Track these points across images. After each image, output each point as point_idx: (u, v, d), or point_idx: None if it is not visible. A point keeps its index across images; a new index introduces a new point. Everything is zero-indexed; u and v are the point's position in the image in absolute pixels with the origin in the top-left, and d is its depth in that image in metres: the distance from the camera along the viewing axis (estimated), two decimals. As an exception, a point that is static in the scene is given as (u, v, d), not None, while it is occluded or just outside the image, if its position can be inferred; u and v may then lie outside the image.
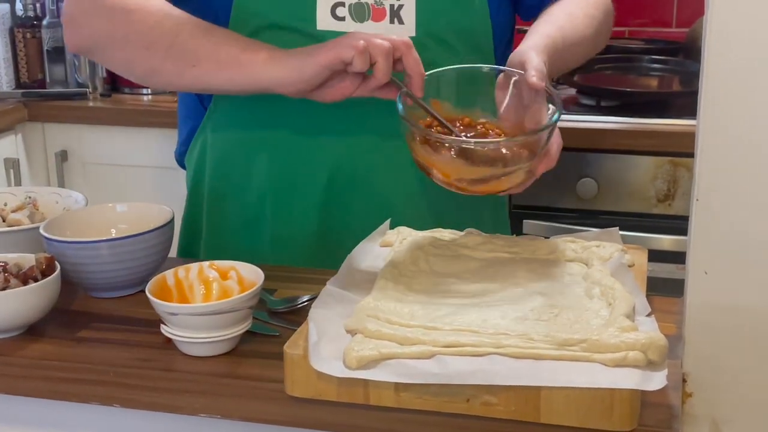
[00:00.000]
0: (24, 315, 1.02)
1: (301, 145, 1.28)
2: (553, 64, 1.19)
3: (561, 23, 1.27)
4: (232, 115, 1.31)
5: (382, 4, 1.24)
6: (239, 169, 1.32)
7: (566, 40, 1.25)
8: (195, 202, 1.39)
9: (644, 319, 0.92)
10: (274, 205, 1.30)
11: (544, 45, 1.17)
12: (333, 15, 1.24)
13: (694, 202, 0.86)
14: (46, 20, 2.59)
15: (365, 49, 1.08)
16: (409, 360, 0.86)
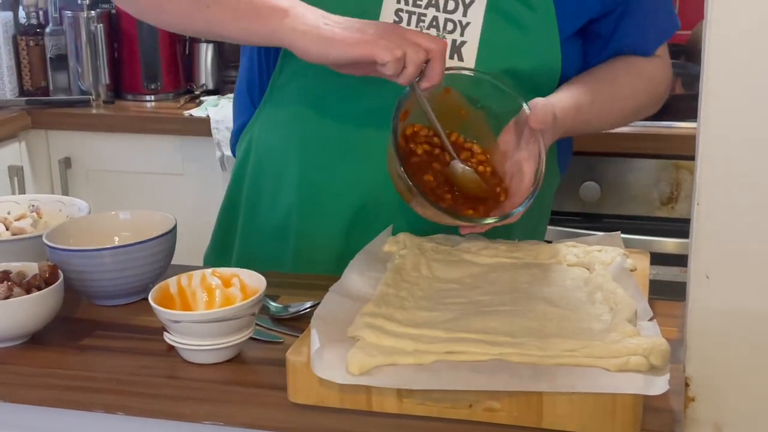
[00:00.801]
0: (27, 323, 1.02)
1: (333, 169, 1.25)
2: (574, 126, 1.18)
3: (601, 90, 1.24)
4: (275, 122, 1.29)
5: (445, 38, 1.20)
6: (273, 177, 1.30)
7: (594, 108, 1.22)
8: (235, 194, 1.37)
9: (646, 324, 0.92)
10: (300, 221, 1.28)
11: (569, 106, 1.17)
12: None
13: (696, 206, 0.86)
14: (49, 28, 2.60)
15: (401, 59, 1.05)
16: (411, 366, 0.86)
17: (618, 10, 1.28)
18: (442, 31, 1.21)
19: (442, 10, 1.21)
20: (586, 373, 0.84)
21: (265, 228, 1.32)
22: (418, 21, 1.20)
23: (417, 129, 1.14)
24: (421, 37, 1.08)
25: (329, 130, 1.23)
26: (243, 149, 1.35)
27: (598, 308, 0.96)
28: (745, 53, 0.82)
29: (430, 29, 1.21)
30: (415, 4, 1.21)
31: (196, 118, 2.38)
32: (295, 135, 1.27)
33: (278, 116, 1.29)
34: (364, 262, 1.10)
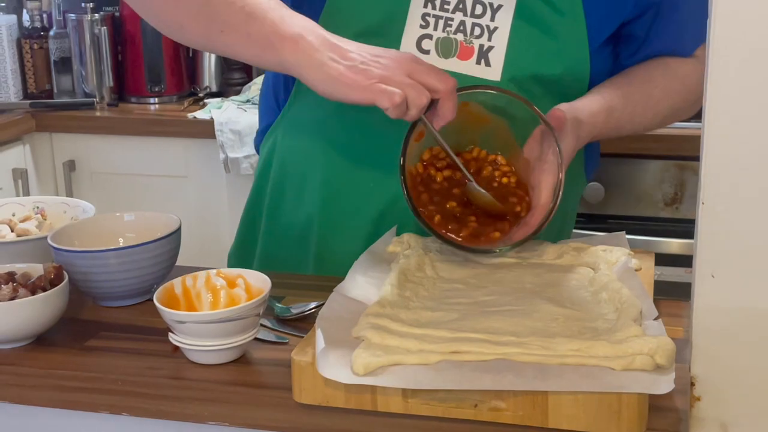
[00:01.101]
0: (33, 325, 1.03)
1: (355, 175, 1.24)
2: (605, 129, 1.17)
3: (633, 94, 1.23)
4: (299, 127, 1.28)
5: (472, 43, 1.19)
6: (296, 181, 1.29)
7: (625, 112, 1.21)
8: (258, 195, 1.36)
9: (652, 323, 0.92)
10: (321, 228, 1.27)
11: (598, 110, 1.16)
12: (418, 47, 1.19)
13: (700, 206, 0.86)
14: (53, 31, 2.61)
15: (402, 103, 1.03)
16: (416, 366, 0.86)
17: (652, 11, 1.25)
18: (469, 35, 1.19)
19: (469, 14, 1.19)
20: (592, 372, 0.84)
21: (287, 231, 1.31)
22: (445, 25, 1.19)
23: (435, 152, 1.13)
24: (430, 75, 1.05)
25: (353, 135, 1.22)
26: (267, 150, 1.34)
27: (603, 308, 0.96)
28: (750, 53, 0.82)
29: (457, 34, 1.19)
30: (443, 8, 1.19)
31: (200, 121, 2.39)
32: (319, 140, 1.26)
33: (302, 120, 1.27)
34: (368, 262, 1.10)
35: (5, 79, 2.57)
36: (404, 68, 1.04)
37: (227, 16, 1.09)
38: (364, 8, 1.19)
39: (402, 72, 1.04)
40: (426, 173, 1.12)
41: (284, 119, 1.31)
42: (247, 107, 2.45)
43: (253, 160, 2.33)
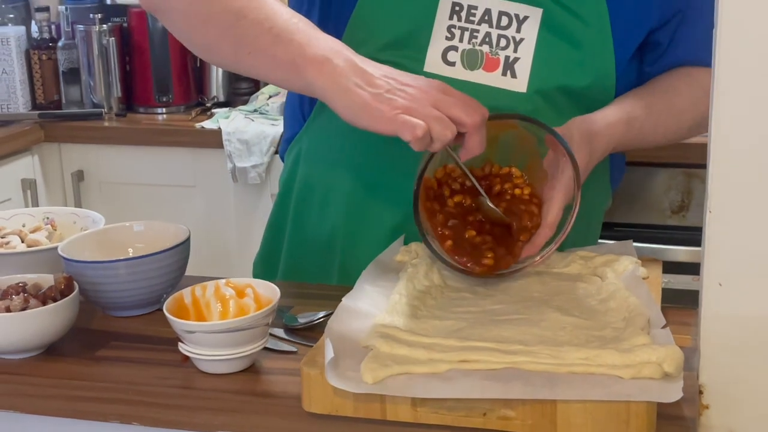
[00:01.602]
0: (44, 335, 1.03)
1: (380, 186, 1.24)
2: (627, 140, 1.17)
3: (655, 103, 1.22)
4: (324, 138, 1.28)
5: (498, 55, 1.18)
6: (321, 194, 1.29)
7: (648, 122, 1.20)
8: (283, 206, 1.36)
9: (660, 332, 0.92)
10: (345, 240, 1.27)
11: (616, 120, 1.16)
12: (444, 59, 1.19)
13: (708, 214, 0.86)
14: (62, 42, 2.62)
15: (425, 137, 0.99)
16: (425, 375, 0.86)
17: (677, 18, 1.24)
18: (495, 47, 1.19)
19: (495, 26, 1.19)
20: (600, 381, 0.84)
21: (312, 242, 1.31)
22: (471, 37, 1.19)
23: (449, 170, 1.11)
24: (457, 107, 1.01)
25: (378, 146, 1.20)
26: (291, 160, 1.34)
27: (611, 316, 0.96)
28: (756, 62, 0.83)
29: (483, 45, 1.19)
30: (468, 20, 1.19)
31: (208, 130, 2.40)
32: (344, 151, 1.25)
33: (328, 131, 1.27)
34: (376, 272, 1.11)
35: (14, 90, 2.58)
36: (431, 98, 1.01)
37: (254, 37, 1.07)
38: (390, 20, 1.19)
39: (428, 102, 1.00)
40: (439, 191, 1.11)
41: (309, 130, 1.30)
42: (255, 117, 2.45)
43: (261, 170, 2.34)
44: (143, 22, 2.55)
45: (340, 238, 1.28)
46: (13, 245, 1.22)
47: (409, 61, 1.19)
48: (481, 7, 1.19)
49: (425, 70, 1.19)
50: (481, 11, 1.19)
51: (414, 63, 1.19)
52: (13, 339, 1.02)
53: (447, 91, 1.03)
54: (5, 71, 2.58)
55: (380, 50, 1.19)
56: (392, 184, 1.23)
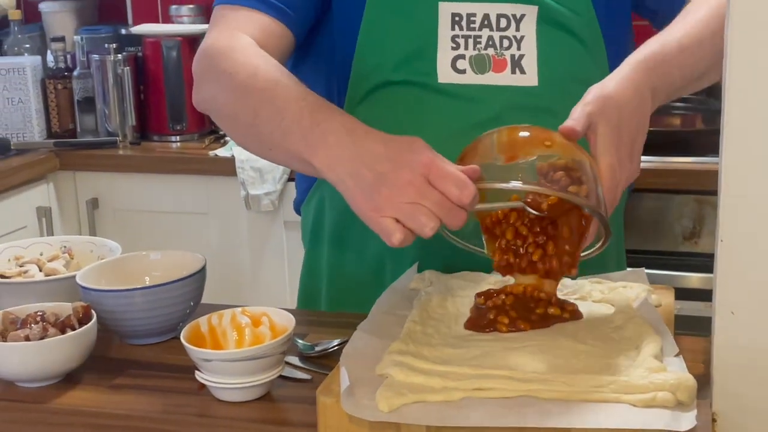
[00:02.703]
0: (62, 363, 1.04)
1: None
2: (660, 77, 1.11)
3: (670, 29, 1.18)
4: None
5: (503, 55, 1.22)
6: (359, 228, 1.21)
7: (672, 46, 1.14)
8: (315, 252, 1.37)
9: (672, 360, 0.93)
10: (394, 262, 1.27)
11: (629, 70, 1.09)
12: (454, 68, 1.22)
13: (719, 243, 0.87)
14: (77, 71, 2.65)
15: (405, 239, 0.97)
16: (440, 403, 0.87)
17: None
18: (500, 48, 1.23)
19: (495, 28, 1.23)
20: (614, 409, 0.84)
21: (355, 275, 1.31)
22: (475, 43, 1.23)
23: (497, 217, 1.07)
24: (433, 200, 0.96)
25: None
26: (315, 203, 1.34)
27: (624, 344, 0.96)
28: (766, 89, 0.84)
29: (488, 49, 1.23)
30: (469, 27, 1.23)
31: (221, 158, 2.41)
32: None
33: None
34: (390, 299, 1.11)
35: (30, 119, 2.61)
36: (415, 186, 0.96)
37: (270, 134, 1.09)
38: (395, 42, 1.23)
39: (412, 191, 0.96)
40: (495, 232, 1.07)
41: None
42: (268, 145, 2.47)
43: (274, 197, 2.36)
44: (158, 51, 2.58)
45: (388, 261, 1.28)
46: (32, 274, 1.24)
47: (422, 76, 1.23)
48: (479, 14, 1.23)
49: (439, 81, 1.22)
50: (480, 17, 1.23)
51: (427, 77, 1.23)
52: (31, 368, 1.04)
53: (433, 170, 0.97)
54: (21, 100, 2.61)
55: (393, 71, 1.23)
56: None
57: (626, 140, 1.06)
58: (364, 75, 1.24)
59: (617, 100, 1.07)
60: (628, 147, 1.06)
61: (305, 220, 1.39)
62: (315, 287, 1.38)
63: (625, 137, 1.06)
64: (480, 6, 1.23)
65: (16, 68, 2.59)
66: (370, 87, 1.24)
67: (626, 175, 1.07)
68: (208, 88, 1.20)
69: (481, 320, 1.03)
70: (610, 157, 1.04)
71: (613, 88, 1.08)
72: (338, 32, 1.26)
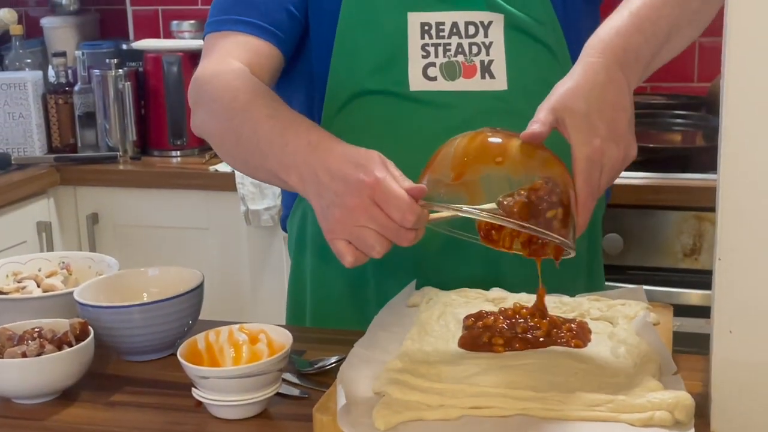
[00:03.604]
0: (59, 380, 1.04)
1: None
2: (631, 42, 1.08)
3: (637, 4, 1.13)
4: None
5: (473, 61, 1.25)
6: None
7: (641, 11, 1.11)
8: (299, 267, 1.39)
9: (670, 378, 0.93)
10: (376, 273, 1.29)
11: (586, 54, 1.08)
12: (425, 75, 1.25)
13: (717, 262, 0.87)
14: (78, 86, 2.65)
15: (352, 266, 1.00)
16: (437, 421, 0.87)
17: None
18: (469, 55, 1.25)
19: (464, 35, 1.25)
20: (611, 428, 0.84)
21: (338, 290, 1.32)
22: (445, 51, 1.25)
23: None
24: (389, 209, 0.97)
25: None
26: (298, 219, 1.36)
27: (621, 363, 0.96)
28: (764, 106, 0.84)
29: (458, 56, 1.25)
30: (439, 36, 1.25)
31: (221, 173, 2.42)
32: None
33: None
34: (388, 316, 1.11)
35: (30, 134, 2.61)
36: (362, 208, 0.97)
37: (251, 155, 1.13)
38: (367, 51, 1.26)
39: (359, 213, 0.98)
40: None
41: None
42: (268, 160, 2.48)
43: (273, 212, 2.36)
44: (158, 67, 2.59)
45: (370, 274, 1.29)
46: (29, 290, 1.24)
47: (395, 85, 1.26)
48: (448, 22, 1.26)
49: (411, 89, 1.25)
50: (448, 25, 1.26)
51: (399, 86, 1.26)
52: (28, 384, 1.03)
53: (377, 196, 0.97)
54: (22, 115, 2.61)
55: (366, 81, 1.26)
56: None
57: (601, 124, 1.03)
58: (339, 86, 1.27)
59: (581, 88, 1.05)
60: (606, 130, 1.02)
61: (290, 234, 1.41)
62: (301, 300, 1.39)
63: (598, 122, 1.03)
64: (448, 15, 1.25)
65: (18, 83, 2.59)
66: (346, 98, 1.27)
67: (614, 157, 1.03)
68: (199, 115, 1.24)
69: (475, 341, 1.03)
70: (586, 147, 1.01)
71: (575, 79, 1.06)
72: (315, 46, 1.29)
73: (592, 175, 1.01)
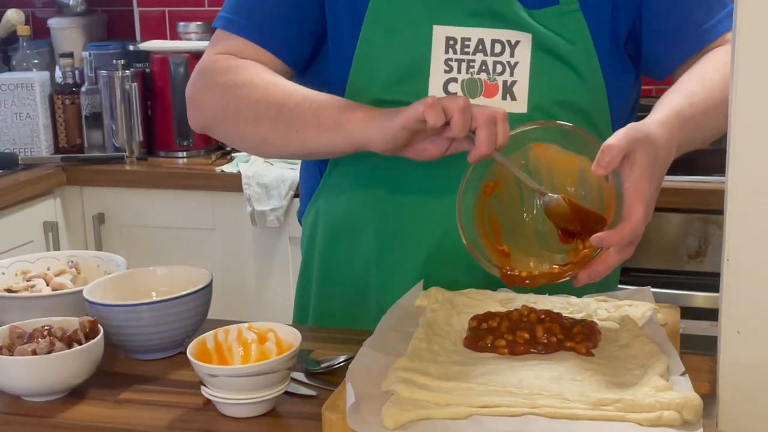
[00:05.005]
0: (68, 378, 1.05)
1: (406, 221, 1.27)
2: (686, 133, 1.14)
3: (692, 88, 1.20)
4: (343, 184, 1.31)
5: (495, 80, 1.23)
6: (347, 238, 1.32)
7: (697, 107, 1.18)
8: (307, 266, 1.40)
9: (678, 379, 0.93)
10: (379, 276, 1.30)
11: (666, 117, 1.12)
12: (445, 90, 1.24)
13: (725, 262, 0.87)
14: (85, 87, 2.66)
15: (435, 104, 1.08)
16: (446, 420, 0.87)
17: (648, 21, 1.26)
18: (492, 73, 1.24)
19: (489, 53, 1.24)
20: (619, 428, 0.84)
21: (342, 292, 1.34)
22: (468, 67, 1.24)
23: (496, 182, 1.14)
24: (466, 106, 1.08)
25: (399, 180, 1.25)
26: (311, 219, 1.37)
27: (629, 363, 0.96)
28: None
29: (481, 73, 1.24)
30: (463, 51, 1.24)
31: (228, 174, 2.42)
32: (366, 193, 1.28)
33: (345, 182, 1.30)
34: (396, 316, 1.12)
35: (37, 134, 2.62)
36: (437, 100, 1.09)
37: (299, 116, 1.20)
38: (389, 57, 1.24)
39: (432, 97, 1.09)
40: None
41: (325, 187, 1.34)
42: (274, 161, 2.48)
43: (279, 213, 2.36)
44: (165, 68, 2.60)
45: (373, 276, 1.30)
46: (39, 288, 1.24)
47: (412, 96, 1.22)
48: (474, 38, 1.24)
49: None
50: (474, 42, 1.24)
51: (417, 98, 1.21)
52: (38, 382, 1.04)
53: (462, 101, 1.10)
54: (29, 115, 2.62)
55: (383, 90, 1.25)
56: (419, 212, 1.26)
57: (655, 180, 1.07)
58: (356, 95, 1.25)
59: (656, 142, 1.08)
60: (653, 188, 1.07)
61: (304, 231, 1.41)
62: (306, 297, 1.40)
63: (655, 176, 1.07)
64: (475, 30, 1.24)
65: (25, 83, 2.60)
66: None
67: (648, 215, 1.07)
68: (212, 101, 1.26)
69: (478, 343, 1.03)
70: (645, 183, 1.04)
71: (654, 130, 1.09)
72: (333, 54, 1.28)
73: (647, 206, 1.05)
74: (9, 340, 1.08)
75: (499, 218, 1.15)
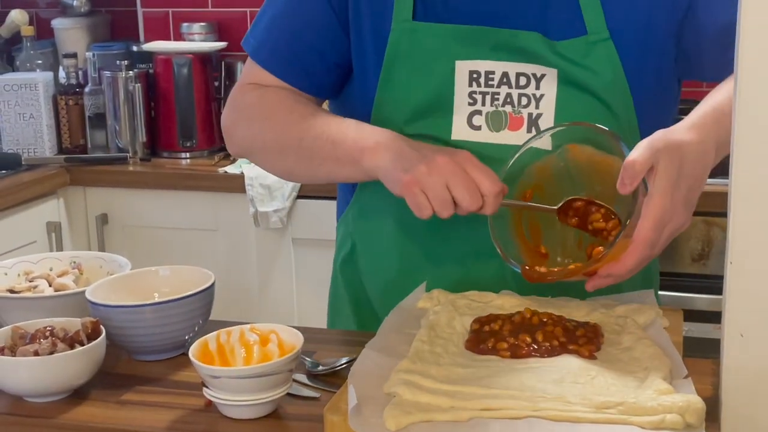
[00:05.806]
0: (70, 378, 1.05)
1: (430, 250, 1.26)
2: (725, 129, 1.08)
3: (728, 91, 1.14)
4: (371, 207, 1.31)
5: (520, 113, 1.21)
6: (373, 262, 1.32)
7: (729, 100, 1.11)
8: (338, 280, 1.40)
9: (681, 382, 0.93)
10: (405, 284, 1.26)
11: (698, 119, 1.11)
12: (469, 124, 1.22)
13: (729, 265, 0.87)
14: (88, 87, 2.66)
15: (429, 216, 1.11)
16: (447, 423, 0.87)
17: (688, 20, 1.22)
18: (517, 106, 1.21)
19: (514, 86, 1.21)
20: (622, 431, 0.84)
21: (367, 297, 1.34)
22: (493, 100, 1.21)
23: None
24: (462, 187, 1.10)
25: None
26: (342, 233, 1.37)
27: (632, 366, 0.96)
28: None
29: (506, 106, 1.21)
30: (488, 84, 1.22)
31: (231, 175, 2.42)
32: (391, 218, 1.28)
33: (373, 204, 1.30)
34: (398, 318, 1.12)
35: (41, 135, 2.63)
36: (446, 175, 1.10)
37: (319, 149, 1.23)
38: (412, 91, 1.23)
39: (447, 170, 1.10)
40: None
41: (357, 202, 1.33)
42: (277, 162, 2.48)
43: (282, 214, 2.36)
44: (169, 68, 2.60)
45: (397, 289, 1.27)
46: (41, 289, 1.24)
47: (436, 130, 1.22)
48: (498, 71, 1.22)
49: (453, 138, 1.22)
50: (498, 75, 1.22)
51: (441, 132, 1.22)
52: (40, 383, 1.04)
53: (466, 165, 1.11)
54: (33, 116, 2.62)
55: (406, 125, 1.23)
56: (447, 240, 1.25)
57: (683, 187, 1.06)
58: (381, 126, 1.22)
59: (682, 147, 1.07)
60: (683, 194, 1.06)
61: (337, 235, 1.41)
62: (339, 303, 1.39)
63: (682, 184, 1.06)
64: (499, 64, 1.21)
65: (28, 84, 2.61)
66: None
67: (677, 222, 1.06)
68: (243, 133, 1.31)
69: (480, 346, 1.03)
70: (664, 198, 1.04)
71: (681, 135, 1.08)
72: (359, 86, 1.27)
73: (658, 225, 1.04)
74: (11, 340, 1.08)
75: (539, 222, 1.17)
